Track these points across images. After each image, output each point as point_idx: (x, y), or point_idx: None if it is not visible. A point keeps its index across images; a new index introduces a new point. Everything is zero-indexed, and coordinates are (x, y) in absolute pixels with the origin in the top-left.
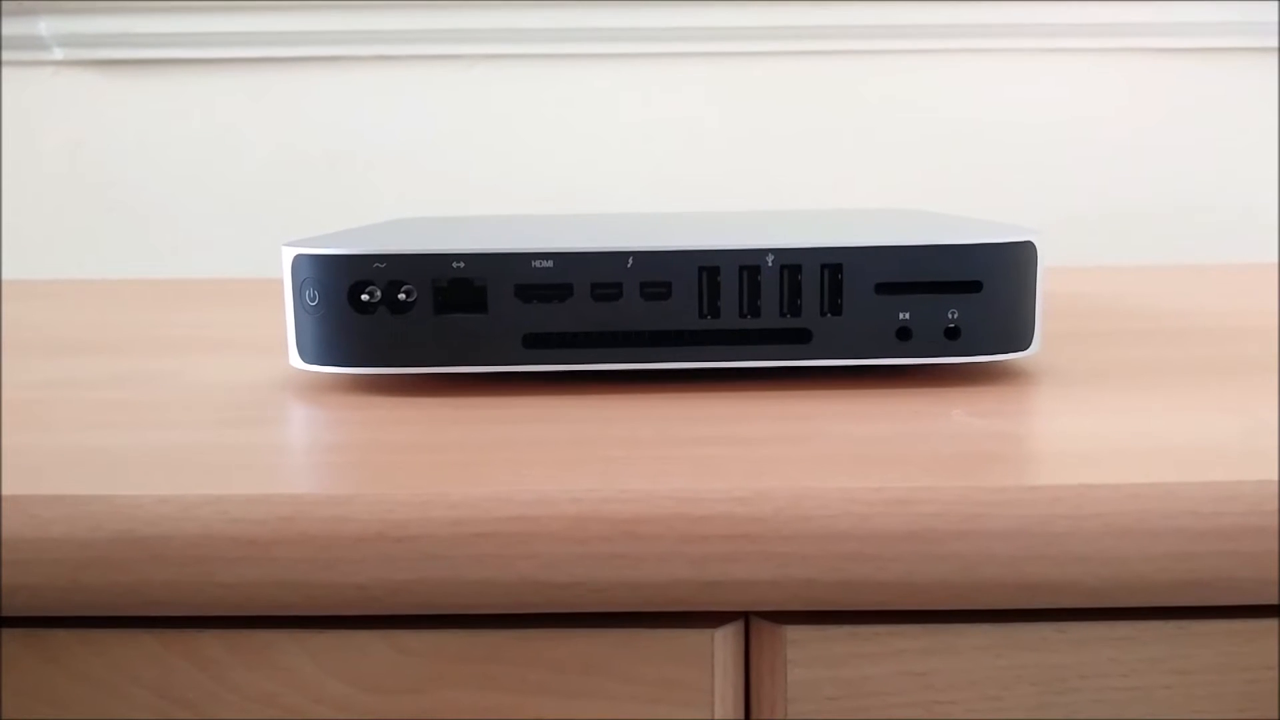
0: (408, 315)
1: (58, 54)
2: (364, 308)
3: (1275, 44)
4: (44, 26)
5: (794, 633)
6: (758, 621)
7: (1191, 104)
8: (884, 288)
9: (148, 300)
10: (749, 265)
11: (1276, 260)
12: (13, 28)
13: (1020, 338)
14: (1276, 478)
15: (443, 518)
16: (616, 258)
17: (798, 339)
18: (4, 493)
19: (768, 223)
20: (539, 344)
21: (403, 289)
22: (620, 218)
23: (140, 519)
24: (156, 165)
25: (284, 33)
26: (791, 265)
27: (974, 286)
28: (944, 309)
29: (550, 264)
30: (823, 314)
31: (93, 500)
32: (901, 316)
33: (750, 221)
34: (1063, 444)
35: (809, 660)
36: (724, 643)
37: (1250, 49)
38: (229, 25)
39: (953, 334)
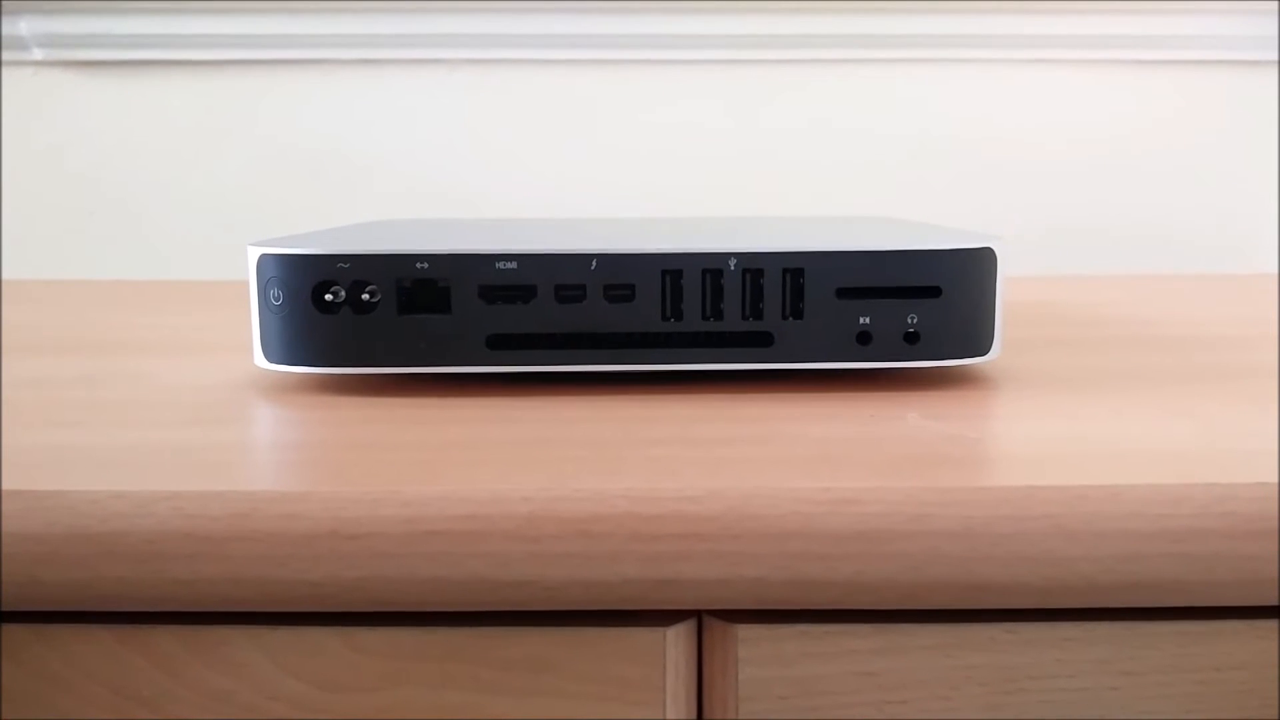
0: (371, 315)
1: (38, 54)
2: (328, 308)
3: (1274, 58)
4: (24, 26)
5: (746, 631)
6: (710, 620)
7: (1182, 117)
8: (845, 292)
9: (127, 301)
10: (711, 269)
11: (1276, 272)
12: None
13: (979, 343)
14: (1222, 480)
15: (394, 516)
16: (580, 260)
17: (759, 342)
18: None
19: (732, 227)
20: (502, 345)
21: (366, 289)
22: (586, 221)
23: (96, 515)
24: (138, 167)
25: (267, 35)
26: (754, 269)
27: (933, 292)
28: (903, 314)
29: (514, 265)
30: (784, 317)
31: (48, 496)
32: (862, 321)
33: (714, 226)
34: (1015, 447)
35: (761, 659)
36: (676, 641)
37: (1243, 62)
38: (211, 28)
39: (912, 338)
